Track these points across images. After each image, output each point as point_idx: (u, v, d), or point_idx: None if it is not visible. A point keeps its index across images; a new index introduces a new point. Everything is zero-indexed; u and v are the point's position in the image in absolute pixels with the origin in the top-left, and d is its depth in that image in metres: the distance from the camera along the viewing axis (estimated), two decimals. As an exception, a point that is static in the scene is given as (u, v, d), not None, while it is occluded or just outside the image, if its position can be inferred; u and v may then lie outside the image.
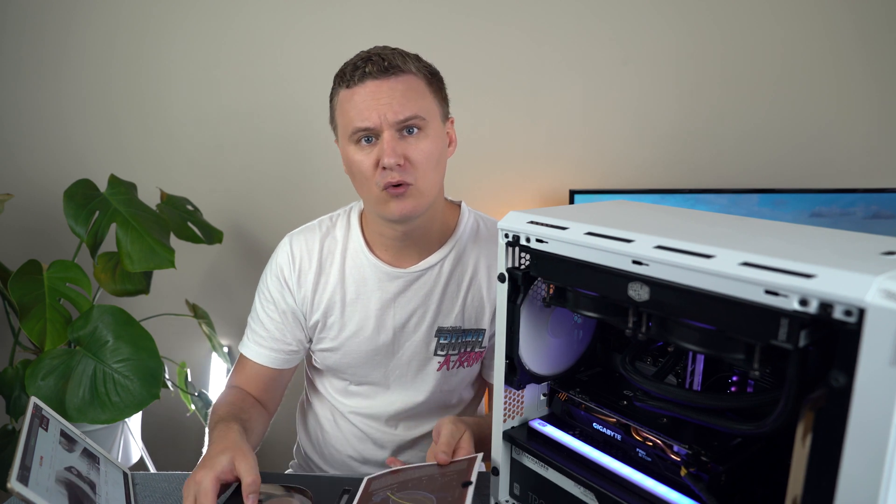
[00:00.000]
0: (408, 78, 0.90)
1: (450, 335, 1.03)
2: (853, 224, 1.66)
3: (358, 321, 1.02)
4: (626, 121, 1.81)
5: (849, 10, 1.74)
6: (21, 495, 0.62)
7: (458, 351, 1.04)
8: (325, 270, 1.02)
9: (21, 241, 1.82)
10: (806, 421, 0.46)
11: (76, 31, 1.74)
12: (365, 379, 1.06)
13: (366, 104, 0.88)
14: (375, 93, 0.88)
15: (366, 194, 0.94)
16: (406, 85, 0.89)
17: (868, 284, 0.41)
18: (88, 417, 1.27)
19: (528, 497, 0.73)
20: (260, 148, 1.82)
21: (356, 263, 1.02)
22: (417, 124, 0.90)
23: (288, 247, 1.04)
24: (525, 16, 1.75)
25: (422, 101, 0.91)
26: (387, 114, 0.87)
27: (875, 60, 1.77)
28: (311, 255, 1.02)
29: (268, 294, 1.04)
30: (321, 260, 1.02)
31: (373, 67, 0.88)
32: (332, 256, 1.03)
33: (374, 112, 0.87)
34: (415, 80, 0.91)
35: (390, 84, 0.88)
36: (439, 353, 1.03)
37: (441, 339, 1.03)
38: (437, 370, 1.04)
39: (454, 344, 1.04)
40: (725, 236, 0.55)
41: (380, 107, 0.87)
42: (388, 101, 0.88)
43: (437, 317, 1.02)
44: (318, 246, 1.03)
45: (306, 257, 1.02)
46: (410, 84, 0.90)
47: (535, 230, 0.64)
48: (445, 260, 1.02)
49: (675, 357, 0.66)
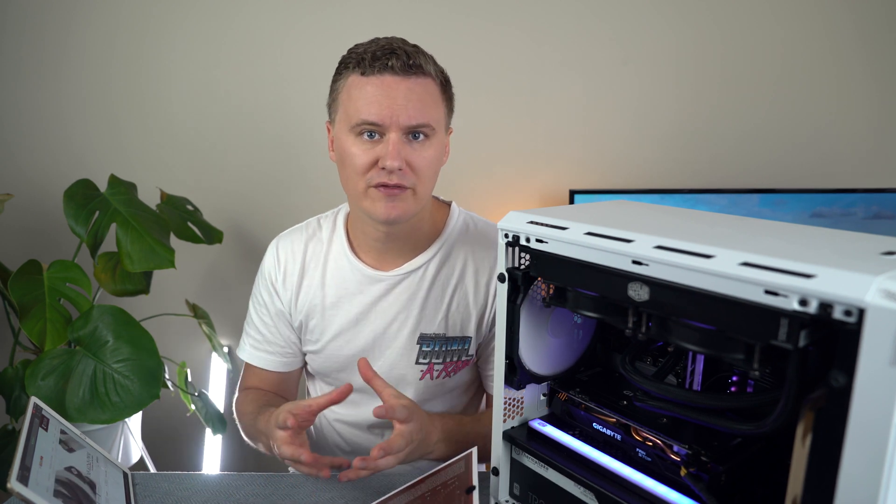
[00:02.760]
0: (427, 81, 0.86)
1: (433, 342, 0.99)
2: (854, 224, 1.66)
3: (338, 326, 0.99)
4: (626, 121, 1.81)
5: (849, 10, 1.74)
6: (21, 495, 0.62)
7: (442, 360, 0.99)
8: (309, 273, 1.01)
9: (21, 241, 1.82)
10: (806, 421, 0.46)
11: (76, 31, 1.74)
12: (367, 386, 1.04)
13: (378, 98, 0.84)
14: (392, 89, 0.84)
15: (352, 188, 0.90)
16: (424, 89, 0.86)
17: (868, 284, 0.41)
18: (88, 417, 1.26)
19: (528, 497, 0.73)
20: (260, 148, 1.82)
21: (338, 266, 0.99)
22: (425, 132, 0.87)
23: (274, 250, 1.03)
24: (525, 16, 1.75)
25: (435, 109, 0.87)
26: (399, 115, 0.84)
27: (875, 60, 1.77)
28: (294, 258, 1.01)
29: (259, 298, 1.04)
30: (304, 262, 1.01)
31: (396, 62, 0.83)
32: (315, 259, 1.01)
33: (387, 109, 0.83)
34: (432, 85, 0.87)
35: (409, 84, 0.84)
36: (422, 361, 0.99)
37: (424, 346, 0.98)
38: (420, 379, 0.99)
39: (438, 352, 0.99)
40: (725, 236, 0.55)
41: (394, 105, 0.83)
42: (404, 102, 0.84)
43: (419, 323, 0.98)
44: (302, 248, 1.01)
45: (291, 259, 1.01)
46: (428, 89, 0.86)
47: (534, 230, 0.64)
48: (430, 262, 0.98)
49: (675, 357, 0.66)
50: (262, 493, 0.85)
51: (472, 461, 0.73)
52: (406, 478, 0.80)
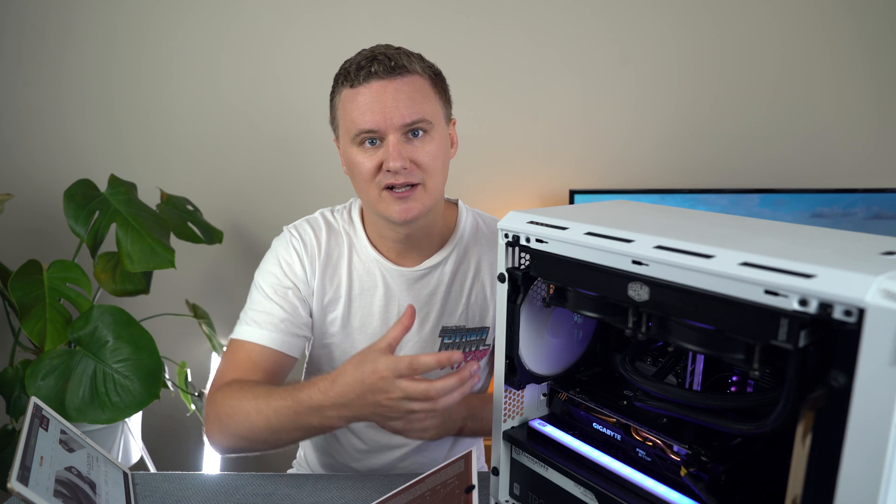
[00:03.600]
0: (413, 79, 0.88)
1: (454, 334, 1.03)
2: (854, 225, 1.66)
3: (361, 318, 1.00)
4: (626, 121, 1.81)
5: (849, 10, 1.74)
6: (21, 495, 0.62)
7: (463, 350, 1.04)
8: (333, 261, 1.00)
9: (21, 241, 1.82)
10: (806, 421, 0.45)
11: (76, 31, 1.74)
12: None
13: (370, 105, 0.86)
14: (380, 94, 0.86)
15: (366, 196, 0.93)
16: (412, 86, 0.87)
17: (868, 284, 0.41)
18: (88, 417, 1.27)
19: (528, 497, 0.73)
20: (260, 148, 1.82)
21: (361, 260, 1.00)
22: (423, 127, 0.88)
23: (294, 233, 1.00)
24: (525, 16, 1.75)
25: (427, 103, 0.89)
26: (393, 117, 0.85)
27: (875, 61, 1.77)
28: (319, 242, 1.00)
29: (270, 280, 0.98)
30: (329, 249, 1.00)
31: (378, 67, 0.85)
32: (339, 249, 1.01)
33: (380, 114, 0.85)
34: (420, 80, 0.89)
35: (396, 85, 0.86)
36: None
37: (446, 338, 1.02)
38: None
39: (459, 343, 1.03)
40: (725, 236, 0.55)
41: (385, 109, 0.85)
42: (394, 103, 0.85)
43: (441, 317, 1.01)
44: (324, 235, 1.00)
45: (315, 243, 0.99)
46: (416, 85, 0.88)
47: (535, 230, 0.64)
48: (448, 260, 1.01)
49: (675, 357, 0.66)
50: (262, 493, 0.85)
51: (472, 460, 0.73)
52: (406, 478, 0.80)
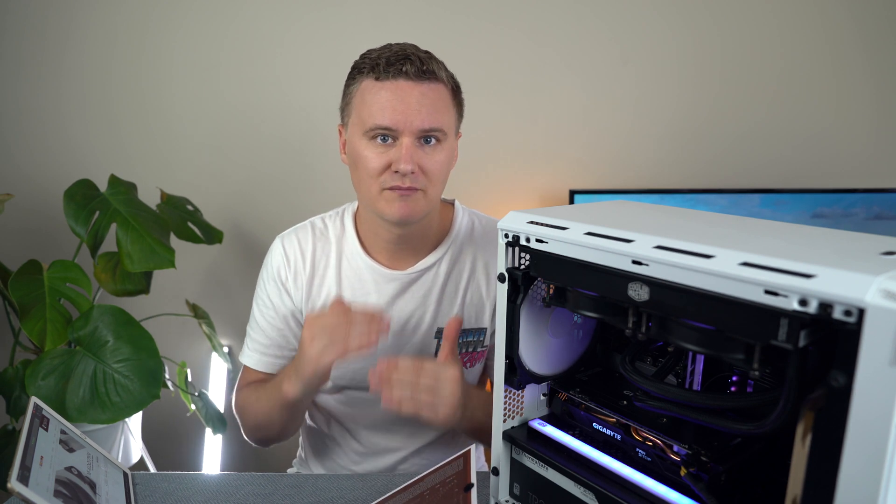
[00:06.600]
0: (439, 87, 0.89)
1: None
2: (855, 225, 1.66)
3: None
4: (626, 121, 1.81)
5: (849, 10, 1.74)
6: (21, 495, 0.62)
7: (459, 351, 1.02)
8: (319, 272, 1.01)
9: (21, 241, 1.82)
10: (806, 421, 0.45)
11: (76, 31, 1.74)
12: (365, 384, 1.04)
13: (392, 103, 0.86)
14: (406, 94, 0.86)
15: (365, 191, 0.92)
16: (437, 94, 0.88)
17: (868, 284, 0.41)
18: (88, 417, 1.26)
19: (528, 497, 0.73)
20: (260, 148, 1.82)
21: (352, 265, 1.00)
22: (437, 136, 0.89)
23: (280, 248, 1.02)
24: (525, 16, 1.75)
25: (446, 114, 0.90)
26: (413, 120, 0.86)
27: (875, 61, 1.77)
28: (304, 256, 1.01)
29: (266, 300, 1.02)
30: (314, 261, 1.01)
31: (410, 67, 0.86)
32: (326, 258, 1.01)
33: (401, 114, 0.86)
34: (444, 90, 0.90)
35: (422, 89, 0.87)
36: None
37: (441, 340, 1.01)
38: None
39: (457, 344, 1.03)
40: (725, 236, 0.55)
41: (408, 110, 0.86)
42: (418, 106, 0.86)
43: (436, 318, 1.01)
44: (310, 247, 1.01)
45: (300, 258, 1.01)
46: (440, 94, 0.89)
47: (534, 230, 0.64)
48: (442, 261, 1.01)
49: (675, 357, 0.66)
50: (262, 493, 0.85)
51: (471, 459, 0.73)
52: (406, 477, 0.80)
